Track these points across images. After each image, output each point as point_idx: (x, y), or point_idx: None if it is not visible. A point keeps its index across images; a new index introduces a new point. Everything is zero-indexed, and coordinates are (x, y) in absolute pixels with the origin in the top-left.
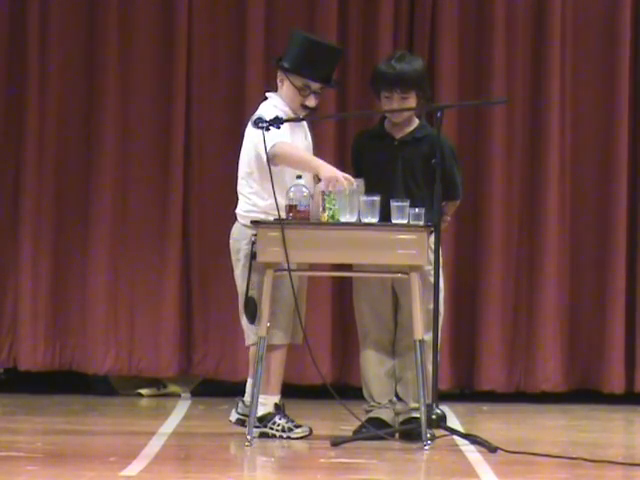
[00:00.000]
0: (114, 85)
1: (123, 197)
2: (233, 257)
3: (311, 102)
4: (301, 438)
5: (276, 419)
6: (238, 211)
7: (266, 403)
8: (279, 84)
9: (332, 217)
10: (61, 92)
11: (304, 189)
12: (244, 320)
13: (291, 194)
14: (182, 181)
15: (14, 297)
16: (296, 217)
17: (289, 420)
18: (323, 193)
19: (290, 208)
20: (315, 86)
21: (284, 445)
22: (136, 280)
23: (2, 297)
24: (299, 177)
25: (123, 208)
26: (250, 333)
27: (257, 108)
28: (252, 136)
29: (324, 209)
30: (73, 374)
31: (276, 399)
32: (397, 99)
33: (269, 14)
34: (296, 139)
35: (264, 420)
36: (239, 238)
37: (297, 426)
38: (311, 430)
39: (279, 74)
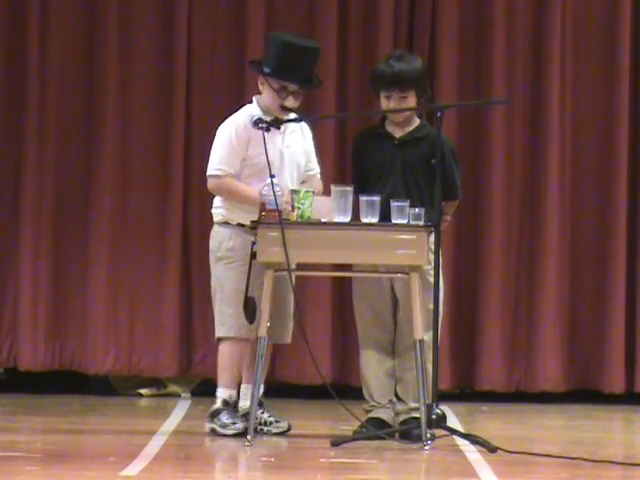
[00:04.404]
0: (114, 85)
1: (123, 197)
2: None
3: (290, 103)
4: (234, 436)
5: (221, 415)
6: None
7: (218, 397)
8: (260, 87)
9: (301, 216)
10: (61, 92)
11: (277, 188)
12: (216, 311)
13: (264, 192)
14: (182, 181)
15: (14, 297)
16: (268, 216)
17: (231, 416)
18: (292, 192)
19: (262, 207)
20: (292, 87)
21: (284, 445)
22: (136, 280)
23: (2, 297)
24: (273, 176)
25: (123, 208)
26: (220, 326)
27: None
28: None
29: (293, 208)
30: (73, 374)
31: (226, 394)
32: (396, 98)
33: (269, 15)
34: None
35: (213, 415)
36: (212, 235)
37: (234, 423)
38: (246, 429)
39: (259, 77)
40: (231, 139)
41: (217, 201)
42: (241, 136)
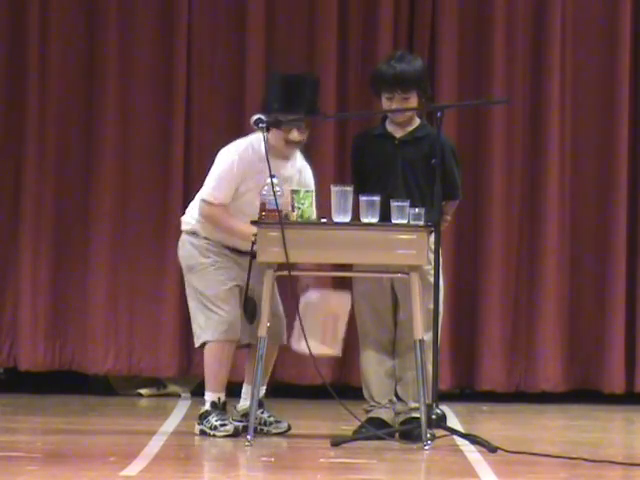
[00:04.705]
0: (114, 85)
1: (123, 197)
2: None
3: (294, 136)
4: (225, 437)
5: (210, 417)
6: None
7: (206, 400)
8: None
9: (301, 216)
10: (61, 92)
11: (277, 189)
12: (199, 317)
13: (264, 192)
14: (182, 181)
15: (14, 297)
16: (268, 216)
17: (220, 418)
18: (292, 192)
19: (262, 207)
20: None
21: (284, 445)
22: (136, 280)
23: (2, 297)
24: (273, 176)
25: (123, 208)
26: (201, 333)
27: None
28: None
29: (293, 208)
30: (73, 374)
31: (214, 397)
32: (398, 100)
33: (269, 14)
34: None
35: (202, 417)
36: (180, 245)
37: (223, 425)
38: (237, 430)
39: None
40: (232, 164)
41: (191, 210)
42: (244, 162)
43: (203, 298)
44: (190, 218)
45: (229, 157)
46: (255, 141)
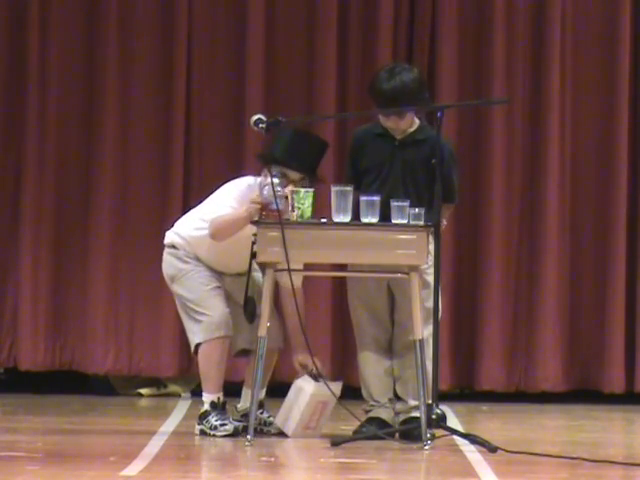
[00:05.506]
0: (114, 85)
1: (123, 197)
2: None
3: (286, 190)
4: (225, 437)
5: (209, 417)
6: (181, 234)
7: (205, 401)
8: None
9: (301, 216)
10: (61, 92)
11: (278, 189)
12: (186, 328)
13: (265, 192)
14: (182, 181)
15: (14, 297)
16: (269, 216)
17: (220, 418)
18: (292, 192)
19: (263, 207)
20: (294, 175)
21: (284, 445)
22: (136, 280)
23: (2, 297)
24: (274, 176)
25: (123, 209)
26: (192, 337)
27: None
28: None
29: (293, 208)
30: (73, 374)
31: (213, 397)
32: (394, 119)
33: (269, 15)
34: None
35: (202, 417)
36: (163, 258)
37: (223, 425)
38: (236, 429)
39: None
40: (240, 191)
41: (178, 227)
42: (252, 192)
43: (189, 303)
44: (172, 233)
45: (235, 185)
46: (251, 183)
